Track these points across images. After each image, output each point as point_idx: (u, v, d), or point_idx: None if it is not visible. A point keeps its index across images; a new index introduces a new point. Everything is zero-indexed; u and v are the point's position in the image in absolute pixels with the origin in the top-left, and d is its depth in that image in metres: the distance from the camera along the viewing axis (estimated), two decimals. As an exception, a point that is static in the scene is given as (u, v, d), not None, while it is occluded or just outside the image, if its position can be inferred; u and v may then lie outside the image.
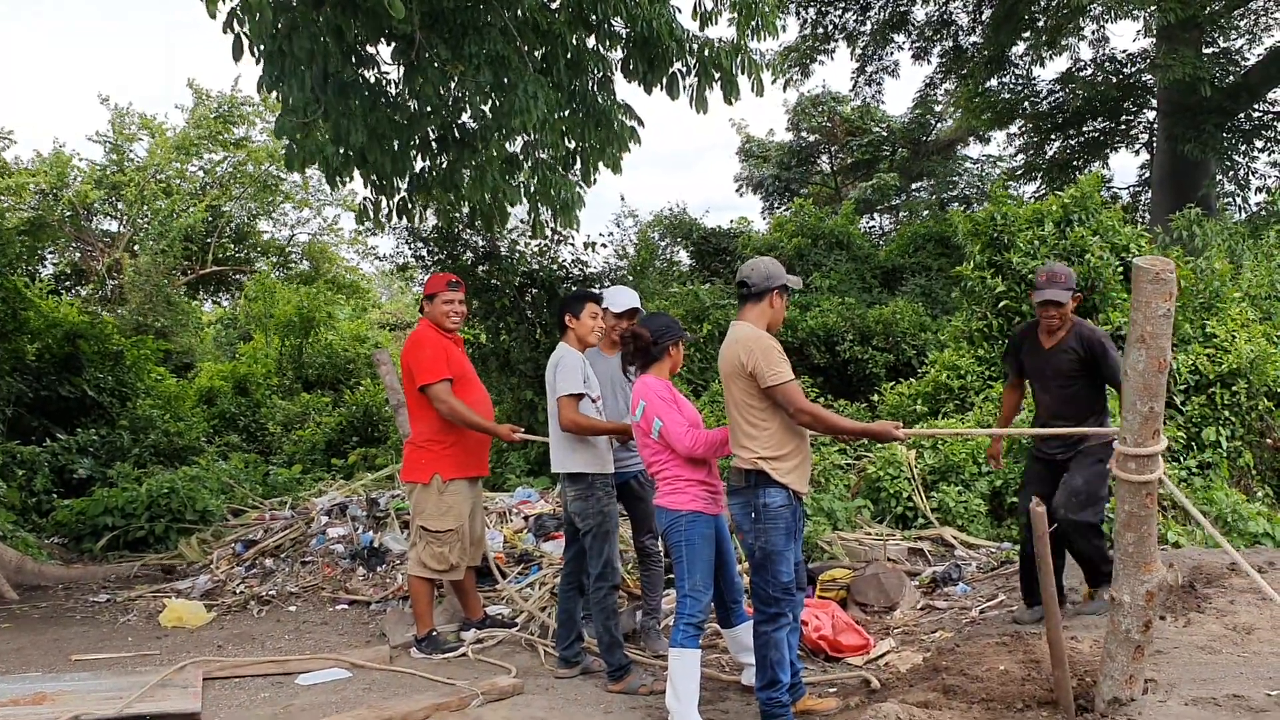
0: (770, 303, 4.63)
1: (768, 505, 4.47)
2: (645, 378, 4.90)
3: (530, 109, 7.10)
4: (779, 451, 4.49)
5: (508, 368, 11.61)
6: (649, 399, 4.79)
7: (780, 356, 4.46)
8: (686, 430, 4.69)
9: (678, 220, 19.54)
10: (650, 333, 4.94)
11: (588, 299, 5.75)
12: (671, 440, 4.70)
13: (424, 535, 6.06)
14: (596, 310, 5.71)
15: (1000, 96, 20.17)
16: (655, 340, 4.93)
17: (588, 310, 5.66)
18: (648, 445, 4.84)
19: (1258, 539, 7.27)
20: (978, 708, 4.42)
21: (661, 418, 4.72)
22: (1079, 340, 5.56)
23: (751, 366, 4.44)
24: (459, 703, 5.06)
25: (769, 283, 4.63)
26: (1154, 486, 3.97)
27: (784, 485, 4.47)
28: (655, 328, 4.99)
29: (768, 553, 4.50)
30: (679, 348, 5.02)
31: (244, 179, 26.41)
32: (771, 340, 4.52)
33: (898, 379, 11.41)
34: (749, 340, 4.51)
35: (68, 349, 12.88)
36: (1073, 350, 5.55)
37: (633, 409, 4.89)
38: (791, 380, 4.44)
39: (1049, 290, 5.59)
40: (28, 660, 6.34)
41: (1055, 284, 5.57)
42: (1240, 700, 4.13)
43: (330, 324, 22.61)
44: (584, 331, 5.66)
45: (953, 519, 8.06)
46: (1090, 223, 10.06)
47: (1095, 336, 5.54)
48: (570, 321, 5.67)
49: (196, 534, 9.62)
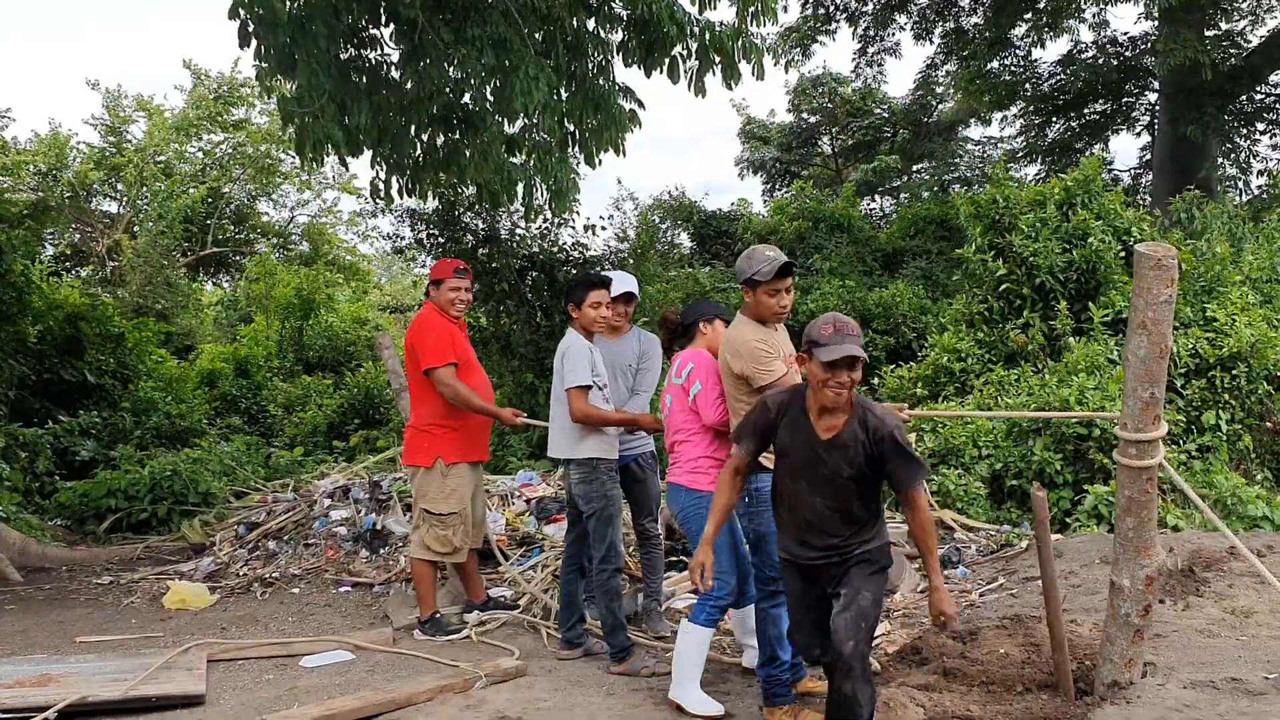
0: (756, 295, 4.62)
1: (759, 490, 4.56)
2: (700, 351, 4.99)
3: (532, 91, 7.09)
4: None
5: (508, 351, 11.62)
6: (698, 363, 4.90)
7: (768, 355, 4.49)
8: (718, 401, 4.75)
9: (678, 203, 19.51)
10: (681, 314, 5.10)
11: (589, 285, 5.63)
12: (702, 406, 4.81)
13: (427, 518, 6.08)
14: (599, 298, 5.58)
15: (1001, 78, 20.09)
16: (683, 320, 5.07)
17: (590, 299, 5.56)
18: (679, 413, 4.92)
19: (1257, 522, 7.29)
20: (978, 690, 4.45)
21: (702, 382, 4.82)
22: (865, 430, 3.85)
23: (739, 370, 4.53)
24: (463, 684, 5.09)
25: (741, 276, 4.66)
26: (1154, 471, 3.99)
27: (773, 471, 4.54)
28: (687, 308, 5.21)
29: (760, 534, 4.62)
30: (712, 324, 5.05)
31: (243, 160, 26.34)
32: (757, 339, 4.53)
33: (898, 362, 11.42)
34: (734, 343, 4.58)
35: (69, 331, 12.87)
36: (855, 445, 3.85)
37: (678, 372, 4.96)
38: (784, 375, 4.48)
39: (843, 343, 3.77)
40: (33, 642, 6.37)
41: (847, 336, 3.78)
42: (1238, 683, 4.17)
43: (330, 306, 22.61)
44: (587, 321, 5.57)
45: (952, 502, 8.08)
46: (1092, 206, 10.06)
47: (886, 428, 3.83)
48: (573, 311, 5.63)
49: (199, 516, 9.65)
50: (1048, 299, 9.77)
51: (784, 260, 4.55)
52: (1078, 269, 9.69)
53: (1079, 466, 7.93)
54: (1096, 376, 8.35)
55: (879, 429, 3.84)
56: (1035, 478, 7.88)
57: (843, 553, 4.00)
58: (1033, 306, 9.82)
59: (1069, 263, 9.69)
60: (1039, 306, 9.82)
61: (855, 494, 3.95)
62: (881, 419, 3.87)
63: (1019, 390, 8.80)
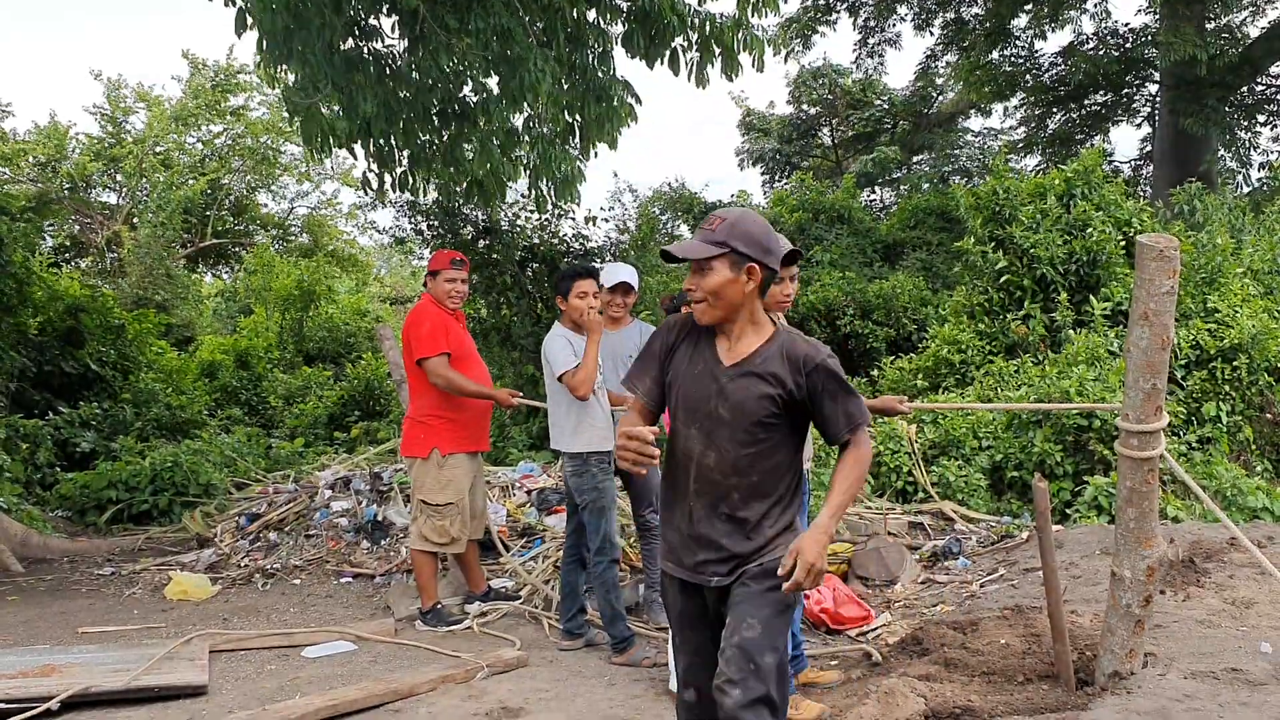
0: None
1: None
2: None
3: (539, 82, 7.08)
4: None
5: (509, 343, 11.63)
6: None
7: None
8: None
9: (678, 194, 19.49)
10: (674, 297, 5.03)
11: (575, 276, 5.60)
12: None
13: (424, 509, 6.09)
14: (585, 289, 5.54)
15: (1002, 69, 20.07)
16: (673, 306, 5.02)
17: (575, 290, 5.53)
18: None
19: (1257, 514, 7.30)
20: (979, 680, 4.46)
21: None
22: (787, 359, 3.03)
23: None
24: (464, 675, 5.11)
25: None
26: (1155, 463, 3.99)
27: None
28: (678, 294, 5.13)
29: None
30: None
31: (242, 151, 26.32)
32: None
33: (898, 354, 11.42)
34: None
35: (70, 323, 12.87)
36: (769, 376, 3.01)
37: None
38: None
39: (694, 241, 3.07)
40: (35, 633, 6.38)
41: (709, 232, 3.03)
42: (1239, 673, 4.18)
43: (330, 297, 22.61)
44: (575, 313, 5.53)
45: (953, 493, 8.09)
46: (1093, 197, 10.06)
47: (819, 356, 3.02)
48: (560, 303, 5.61)
49: (200, 507, 9.66)
50: (1048, 290, 9.77)
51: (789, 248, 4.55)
52: (1078, 260, 9.69)
53: (1079, 458, 7.94)
54: (1097, 368, 8.36)
55: (811, 357, 3.00)
56: (1036, 469, 7.89)
57: (738, 561, 3.04)
58: (1033, 298, 9.83)
59: (1069, 254, 9.69)
60: (1039, 298, 9.83)
61: (763, 452, 3.00)
62: (814, 346, 3.05)
63: (1019, 382, 8.80)
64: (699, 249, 3.01)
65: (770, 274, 3.06)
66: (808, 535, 2.88)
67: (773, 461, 3.04)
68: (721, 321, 3.07)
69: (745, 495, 3.03)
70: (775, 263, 3.07)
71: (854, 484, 2.99)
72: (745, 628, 2.96)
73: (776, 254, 3.08)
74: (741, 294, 3.02)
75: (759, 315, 3.10)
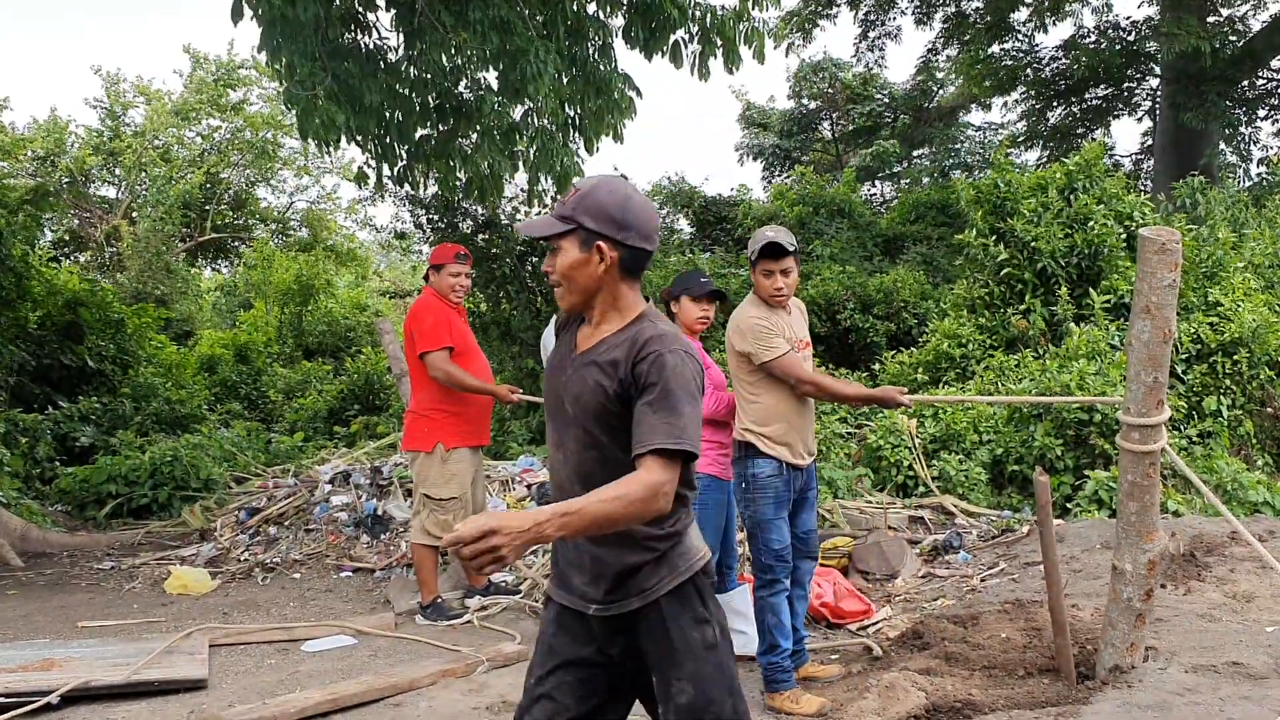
0: (755, 276, 4.62)
1: (756, 476, 4.56)
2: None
3: (540, 76, 7.06)
4: (764, 424, 4.56)
5: (508, 336, 11.62)
6: None
7: (769, 331, 4.50)
8: (709, 393, 4.73)
9: (677, 189, 19.46)
10: (670, 290, 5.01)
11: None
12: None
13: (427, 503, 6.09)
14: None
15: (1002, 63, 20.04)
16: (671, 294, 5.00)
17: None
18: None
19: (1258, 508, 7.29)
20: (979, 675, 4.46)
21: None
22: (631, 345, 2.53)
23: (743, 348, 4.53)
24: (465, 669, 5.10)
25: (749, 258, 4.65)
26: (1157, 456, 3.98)
27: (773, 456, 4.53)
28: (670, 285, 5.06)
29: (756, 521, 4.60)
30: (679, 303, 4.99)
31: (242, 145, 26.29)
32: (758, 316, 4.54)
33: (899, 348, 11.41)
34: (739, 321, 4.59)
35: (69, 317, 12.85)
36: (608, 365, 2.55)
37: None
38: (787, 353, 4.48)
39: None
40: (35, 627, 6.38)
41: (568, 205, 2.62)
42: (1240, 667, 4.17)
43: (330, 292, 22.59)
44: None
45: (953, 487, 8.08)
46: (1094, 190, 10.04)
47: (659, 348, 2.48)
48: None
49: (200, 502, 9.65)
50: (1049, 284, 9.76)
51: (768, 239, 4.53)
52: (1079, 253, 9.67)
53: (1080, 452, 7.93)
54: (1097, 362, 8.35)
55: (650, 344, 2.47)
56: (1036, 463, 7.87)
57: (613, 594, 2.54)
58: (1034, 291, 9.81)
59: (1070, 247, 9.68)
60: (1040, 291, 9.81)
61: (606, 458, 2.52)
62: (669, 338, 2.49)
63: (1020, 376, 8.79)
64: (544, 225, 2.61)
65: (631, 252, 2.56)
66: (512, 512, 2.33)
67: (620, 471, 2.42)
68: (579, 308, 2.65)
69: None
70: (638, 239, 2.56)
71: (607, 507, 2.30)
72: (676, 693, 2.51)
73: (638, 228, 2.56)
74: (594, 276, 2.55)
75: (625, 300, 2.60)
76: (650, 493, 2.32)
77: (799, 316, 4.76)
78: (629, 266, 2.58)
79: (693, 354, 2.50)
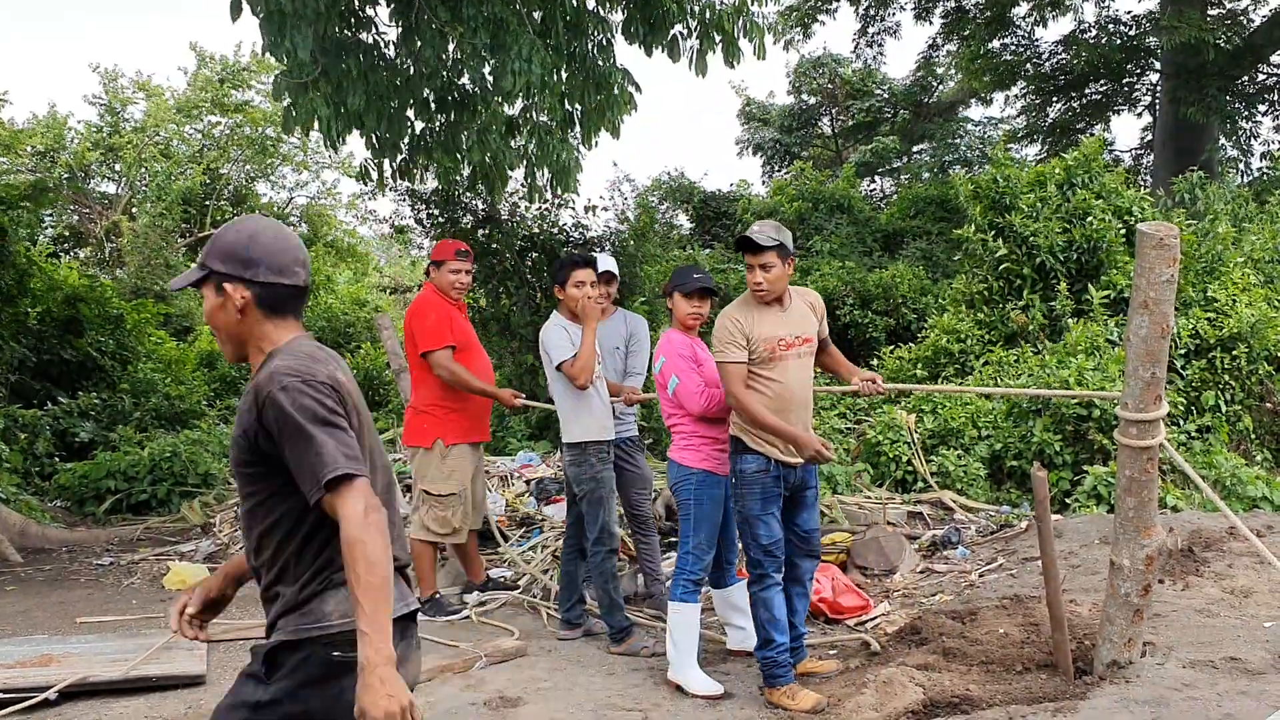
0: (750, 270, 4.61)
1: (743, 471, 4.58)
2: (669, 333, 4.95)
3: (524, 71, 7.04)
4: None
5: (508, 332, 11.59)
6: (668, 355, 4.85)
7: (728, 333, 4.47)
8: (700, 390, 4.73)
9: (677, 184, 19.45)
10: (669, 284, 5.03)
11: (573, 265, 5.52)
12: (683, 399, 4.76)
13: (426, 499, 6.08)
14: (583, 277, 5.46)
15: (1002, 58, 20.00)
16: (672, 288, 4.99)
17: (573, 279, 5.45)
18: (667, 400, 4.89)
19: (1256, 503, 7.29)
20: (977, 670, 4.46)
21: (678, 375, 4.76)
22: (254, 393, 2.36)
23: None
24: (463, 664, 5.10)
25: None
26: (1155, 451, 3.98)
27: (760, 452, 4.53)
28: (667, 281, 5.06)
29: (745, 516, 4.62)
30: (672, 299, 4.98)
31: (242, 141, 26.26)
32: (732, 316, 4.53)
33: (898, 343, 11.41)
34: (718, 318, 4.59)
35: (69, 312, 12.85)
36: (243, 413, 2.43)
37: (654, 365, 4.93)
38: (730, 362, 4.45)
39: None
40: (34, 622, 6.39)
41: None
42: (1238, 663, 4.17)
43: (330, 288, 22.57)
44: (572, 301, 5.45)
45: (952, 483, 8.08)
46: (1093, 185, 10.03)
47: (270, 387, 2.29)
48: (558, 292, 5.56)
49: (199, 497, 9.65)
50: (1048, 279, 9.75)
51: (743, 234, 4.53)
52: (1078, 249, 9.66)
53: (1078, 447, 7.93)
54: (1096, 357, 8.35)
55: (263, 387, 2.29)
56: (1035, 458, 7.87)
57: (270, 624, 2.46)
58: (1033, 287, 9.80)
59: (1069, 242, 9.67)
60: (1039, 287, 9.79)
61: (256, 511, 2.39)
62: (275, 373, 2.30)
63: (1019, 371, 8.78)
64: (185, 277, 2.48)
65: (265, 289, 2.40)
66: (360, 686, 2.09)
67: (269, 523, 2.35)
68: (237, 356, 2.49)
69: (264, 566, 2.41)
70: (269, 274, 2.40)
71: (359, 572, 2.11)
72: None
73: (268, 263, 2.40)
74: (232, 320, 2.41)
75: (269, 340, 2.43)
76: (358, 523, 2.15)
77: (802, 311, 4.67)
78: (270, 304, 2.42)
79: (307, 375, 2.29)
